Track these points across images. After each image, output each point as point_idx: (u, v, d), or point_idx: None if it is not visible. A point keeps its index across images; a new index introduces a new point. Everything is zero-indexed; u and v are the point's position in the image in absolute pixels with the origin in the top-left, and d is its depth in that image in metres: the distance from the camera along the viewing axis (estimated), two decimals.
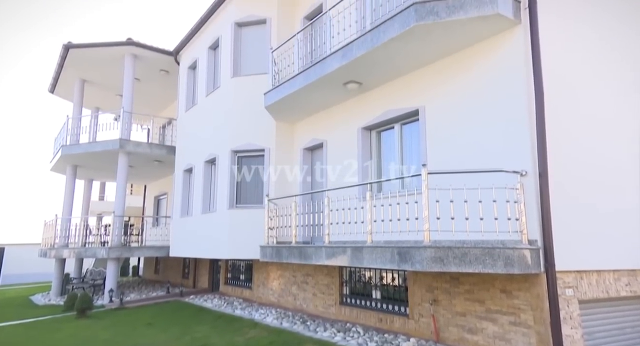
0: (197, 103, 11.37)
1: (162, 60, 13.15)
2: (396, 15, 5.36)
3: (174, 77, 13.87)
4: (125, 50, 12.62)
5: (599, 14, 6.07)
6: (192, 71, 12.21)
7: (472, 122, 5.45)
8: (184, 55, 12.57)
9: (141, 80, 14.26)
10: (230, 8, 9.94)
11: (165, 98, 16.11)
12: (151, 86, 14.93)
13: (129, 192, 24.51)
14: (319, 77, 6.73)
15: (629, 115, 6.21)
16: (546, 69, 4.95)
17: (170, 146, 13.22)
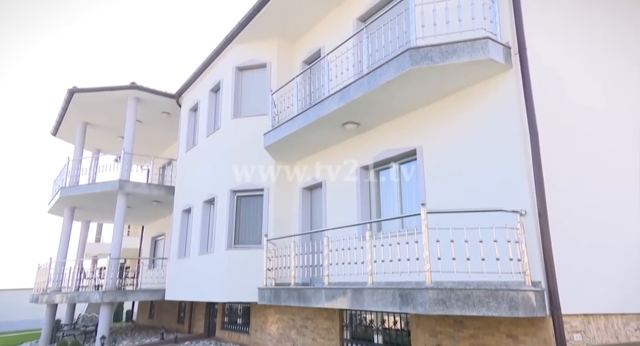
0: (198, 144, 11.50)
1: (164, 103, 13.45)
2: (392, 60, 5.55)
3: (175, 118, 14.13)
4: (129, 93, 12.95)
5: (590, 56, 6.30)
6: (193, 113, 12.46)
7: (470, 161, 5.49)
8: (185, 97, 12.88)
9: (143, 122, 14.52)
10: (231, 53, 10.31)
11: (166, 139, 16.33)
12: (152, 127, 15.18)
13: (126, 233, 24.23)
14: (317, 117, 6.85)
15: (626, 152, 6.28)
16: (539, 110, 5.06)
17: (170, 186, 13.23)
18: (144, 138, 15.87)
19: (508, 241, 4.52)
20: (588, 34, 6.44)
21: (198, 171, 11.13)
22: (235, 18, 43.49)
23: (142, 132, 15.12)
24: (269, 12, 8.92)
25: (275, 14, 8.94)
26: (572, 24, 6.25)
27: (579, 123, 5.74)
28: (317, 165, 8.40)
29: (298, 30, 9.44)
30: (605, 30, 6.80)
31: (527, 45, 5.21)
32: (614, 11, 7.15)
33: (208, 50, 17.78)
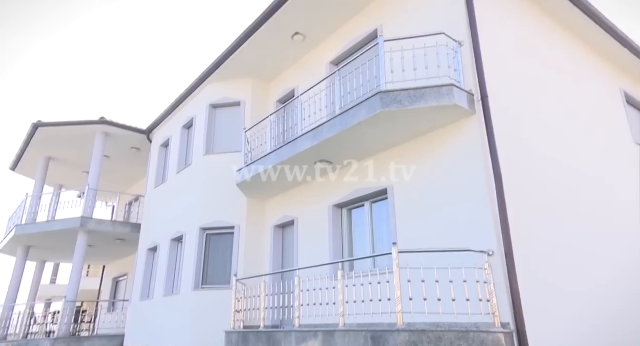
0: (167, 181, 11.28)
1: (134, 138, 13.24)
2: (363, 102, 5.77)
3: (145, 154, 13.88)
4: (97, 128, 12.69)
5: (548, 102, 6.75)
6: (164, 149, 12.30)
7: (439, 201, 5.63)
8: (157, 133, 12.75)
9: (111, 157, 14.17)
10: (205, 91, 10.41)
11: (134, 175, 15.94)
12: (120, 163, 14.82)
13: (86, 274, 22.91)
14: (291, 156, 6.92)
15: (587, 195, 6.63)
16: (502, 154, 5.31)
17: (136, 224, 12.77)
18: (111, 173, 15.43)
19: (477, 281, 4.58)
20: (547, 83, 6.93)
21: (167, 208, 10.84)
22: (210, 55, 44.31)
23: (109, 167, 14.72)
24: (244, 54, 9.16)
25: (250, 55, 9.19)
26: (532, 73, 6.73)
27: (540, 167, 6.05)
28: (290, 202, 8.38)
29: (273, 71, 9.70)
30: (564, 78, 7.36)
31: (488, 93, 5.55)
32: (573, 60, 7.78)
33: (181, 87, 17.88)
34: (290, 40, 8.59)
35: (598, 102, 8.14)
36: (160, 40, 59.28)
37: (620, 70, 9.20)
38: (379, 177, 6.56)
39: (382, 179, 6.50)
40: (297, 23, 8.15)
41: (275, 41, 8.69)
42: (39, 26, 53.27)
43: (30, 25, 50.05)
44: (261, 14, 8.15)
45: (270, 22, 8.16)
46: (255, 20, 8.32)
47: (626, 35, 8.34)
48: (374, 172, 6.67)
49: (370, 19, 7.48)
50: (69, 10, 45.29)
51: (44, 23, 50.52)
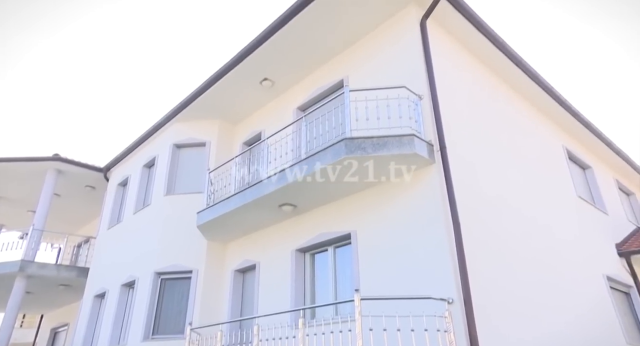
0: (122, 221, 10.77)
1: (90, 176, 12.70)
2: (329, 147, 5.92)
3: (100, 193, 13.28)
4: (50, 165, 12.09)
5: (503, 152, 7.19)
6: (121, 188, 11.85)
7: (401, 247, 5.70)
8: (115, 171, 12.32)
9: (62, 195, 13.44)
10: (170, 130, 10.31)
11: (86, 215, 15.10)
12: (72, 202, 14.05)
13: (19, 325, 20.76)
14: (255, 198, 6.87)
15: (542, 242, 6.95)
16: (460, 201, 5.53)
17: (83, 268, 11.91)
18: (61, 213, 14.54)
19: (437, 330, 4.58)
20: (499, 136, 7.43)
21: (119, 250, 10.26)
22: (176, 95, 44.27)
23: (59, 206, 13.89)
24: (212, 96, 9.27)
25: (218, 97, 9.31)
26: (485, 126, 7.21)
27: (495, 214, 6.34)
28: (252, 246, 8.19)
29: (240, 113, 9.82)
30: (514, 132, 7.92)
31: (446, 143, 5.86)
32: (521, 117, 8.42)
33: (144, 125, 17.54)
34: (259, 84, 8.82)
35: (545, 156, 8.78)
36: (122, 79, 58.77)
37: (562, 129, 10.05)
38: (343, 222, 6.60)
39: (346, 224, 6.54)
40: (266, 69, 8.42)
41: (244, 85, 8.88)
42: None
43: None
44: (231, 59, 8.37)
45: (240, 67, 8.38)
46: (225, 64, 8.52)
47: (565, 98, 9.22)
48: (338, 216, 6.71)
49: (337, 69, 7.86)
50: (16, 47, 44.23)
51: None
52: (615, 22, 37.65)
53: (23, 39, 38.31)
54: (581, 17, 38.56)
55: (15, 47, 41.34)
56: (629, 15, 35.39)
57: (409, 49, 6.63)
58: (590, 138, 10.47)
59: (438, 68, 6.47)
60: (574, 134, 10.32)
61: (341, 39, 7.62)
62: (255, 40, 7.82)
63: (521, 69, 8.20)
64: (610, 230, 9.78)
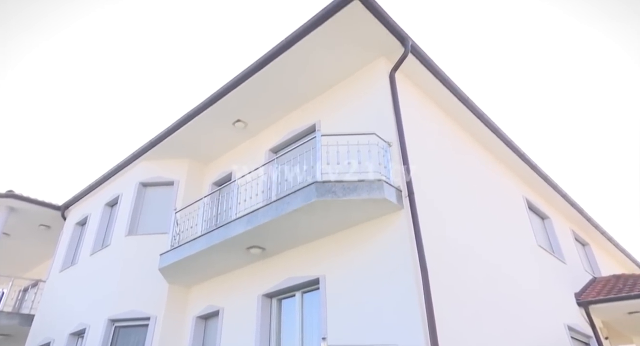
0: (77, 263, 10.14)
1: (45, 214, 12.04)
2: (299, 190, 5.94)
3: (55, 232, 12.56)
4: (2, 202, 11.39)
5: (469, 199, 7.43)
6: (79, 227, 11.27)
7: (370, 293, 5.61)
8: (74, 210, 11.76)
9: (11, 235, 12.60)
10: (137, 168, 10.08)
11: (37, 256, 14.16)
12: (23, 242, 13.17)
13: None
14: (222, 240, 6.69)
15: (504, 289, 7.04)
16: (428, 247, 5.59)
17: (28, 315, 10.94)
18: (8, 254, 13.58)
19: None
20: (464, 184, 7.72)
21: (71, 295, 9.57)
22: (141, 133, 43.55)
23: (7, 246, 12.98)
24: (182, 135, 9.23)
25: (189, 137, 9.28)
26: (452, 174, 7.49)
27: (462, 261, 6.43)
28: (216, 290, 7.85)
29: (211, 153, 9.78)
30: (478, 181, 8.25)
31: (414, 189, 6.01)
32: (484, 167, 8.82)
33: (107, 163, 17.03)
34: (232, 125, 8.89)
35: (507, 206, 9.14)
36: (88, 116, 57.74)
37: (523, 180, 10.58)
38: (312, 266, 6.49)
39: (315, 268, 6.43)
40: (239, 111, 8.54)
41: (217, 126, 8.93)
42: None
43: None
44: (205, 100, 8.46)
45: (213, 108, 8.46)
46: (198, 104, 8.59)
47: (524, 152, 9.80)
48: (307, 260, 6.61)
49: (310, 114, 8.09)
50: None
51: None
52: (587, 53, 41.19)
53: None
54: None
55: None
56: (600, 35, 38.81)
57: (379, 98, 6.95)
58: (548, 190, 11.04)
59: (406, 117, 6.78)
60: (533, 186, 10.87)
61: (314, 86, 7.91)
62: (230, 82, 8.00)
63: (483, 122, 8.72)
64: (569, 280, 10.08)
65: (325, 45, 7.02)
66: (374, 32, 6.76)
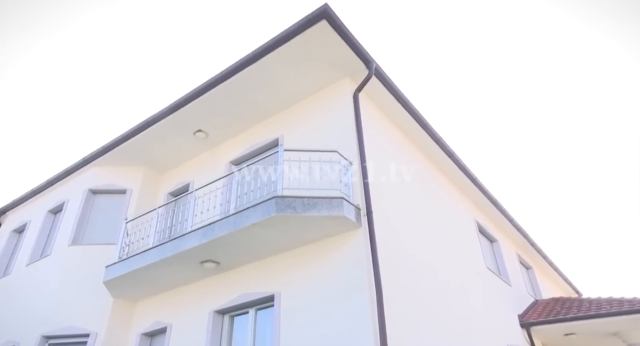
0: (11, 274, 9.37)
1: None
2: (259, 204, 5.87)
3: None
4: None
5: (426, 220, 7.63)
6: (16, 234, 10.47)
7: (325, 311, 5.57)
8: (11, 215, 10.94)
9: None
10: (87, 174, 9.57)
11: None
12: None
13: None
14: (176, 252, 6.44)
15: (455, 308, 7.23)
16: (383, 266, 5.65)
17: None
18: None
19: None
20: (421, 205, 7.94)
21: (1, 308, 8.78)
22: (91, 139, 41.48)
23: None
24: (139, 142, 8.90)
25: (146, 144, 8.96)
26: (410, 195, 7.69)
27: (416, 281, 6.56)
28: (165, 306, 7.49)
29: (169, 162, 9.48)
30: (434, 203, 8.52)
31: (373, 208, 6.10)
32: (440, 190, 9.13)
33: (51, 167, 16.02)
34: (192, 135, 8.69)
35: (459, 228, 9.49)
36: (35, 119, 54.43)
37: (474, 204, 11.05)
38: (267, 282, 6.38)
39: (270, 284, 6.32)
40: (201, 121, 8.37)
41: (176, 134, 8.69)
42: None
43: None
44: (165, 107, 8.23)
45: (174, 116, 8.23)
46: (158, 112, 8.34)
47: (477, 177, 10.28)
48: (263, 276, 6.49)
49: (273, 128, 8.07)
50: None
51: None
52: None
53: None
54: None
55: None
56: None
57: (342, 117, 7.07)
58: (497, 214, 11.59)
59: (368, 137, 6.93)
60: (484, 210, 11.37)
61: (279, 100, 7.93)
62: (192, 92, 7.85)
63: (440, 146, 9.08)
64: (513, 301, 10.53)
65: (291, 61, 7.10)
66: (340, 53, 6.93)
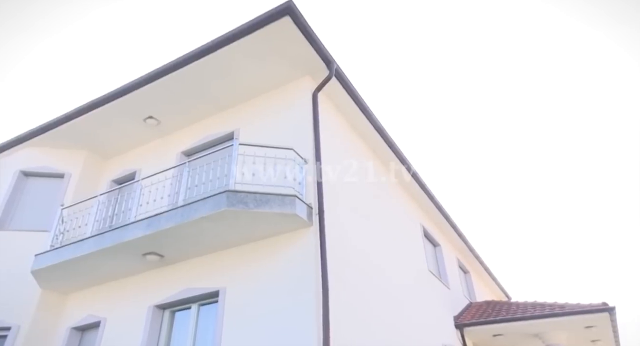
0: None
1: None
2: (209, 197, 5.72)
3: None
4: None
5: (375, 223, 7.79)
6: None
7: (270, 309, 5.52)
8: None
9: None
10: (19, 154, 8.84)
11: None
12: None
13: None
14: (115, 243, 6.11)
15: (397, 310, 7.46)
16: (332, 267, 5.71)
17: None
18: None
19: None
20: (371, 208, 8.10)
21: None
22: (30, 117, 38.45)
23: None
24: (82, 124, 8.35)
25: (90, 127, 8.43)
26: (361, 197, 7.83)
27: (362, 282, 6.69)
28: (100, 299, 7.09)
29: (114, 148, 8.98)
30: (383, 206, 8.73)
31: (325, 208, 6.16)
32: (390, 193, 9.37)
33: None
34: (142, 122, 8.29)
35: (406, 231, 9.81)
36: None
37: (421, 208, 11.47)
38: (213, 277, 6.22)
39: (216, 280, 6.18)
40: (152, 108, 8.00)
41: (125, 120, 8.26)
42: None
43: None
44: (114, 90, 7.78)
45: (124, 100, 7.81)
46: (106, 93, 7.86)
47: (425, 182, 10.67)
48: (208, 271, 6.33)
49: (229, 121, 7.89)
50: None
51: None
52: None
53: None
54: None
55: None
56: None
57: (300, 115, 7.06)
58: (441, 219, 12.11)
59: (324, 137, 6.98)
60: (429, 214, 11.83)
61: (236, 93, 7.76)
62: (145, 76, 7.48)
63: (393, 151, 9.32)
64: (450, 303, 11.07)
65: (251, 55, 6.97)
66: (302, 51, 6.90)
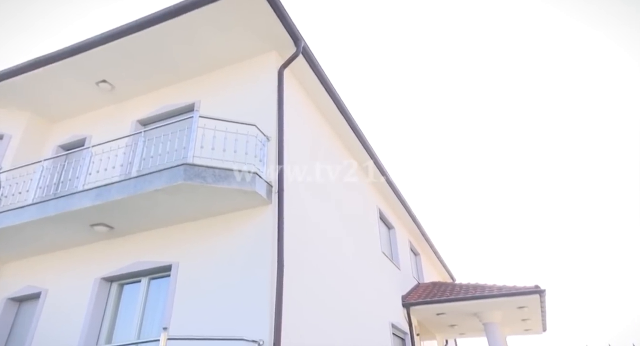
0: None
1: None
2: (165, 169, 5.51)
3: None
4: None
5: (335, 207, 7.86)
6: None
7: (223, 285, 5.49)
8: None
9: None
10: None
11: None
12: None
13: None
14: (60, 211, 5.78)
15: (349, 291, 7.65)
16: (288, 246, 5.73)
17: None
18: None
19: None
20: (330, 190, 8.15)
21: None
22: None
23: None
24: (25, 83, 7.71)
25: (35, 86, 7.81)
26: (321, 178, 7.85)
27: (316, 263, 6.78)
28: (40, 270, 6.75)
29: (62, 112, 8.39)
30: (342, 189, 8.81)
31: (285, 187, 6.12)
32: (351, 176, 9.45)
33: None
34: (95, 85, 7.78)
35: (363, 213, 10.00)
36: None
37: (379, 191, 11.71)
38: (166, 251, 6.08)
39: (169, 254, 6.04)
40: (106, 71, 7.51)
41: (75, 82, 7.71)
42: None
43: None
44: (63, 48, 7.18)
45: (74, 60, 7.26)
46: (54, 51, 7.25)
47: (383, 165, 10.87)
48: (161, 244, 6.16)
49: (189, 91, 7.57)
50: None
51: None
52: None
53: None
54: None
55: None
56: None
57: (264, 91, 6.89)
58: (397, 203, 12.44)
59: (288, 115, 6.88)
60: (386, 197, 12.11)
61: (198, 63, 7.43)
62: (99, 36, 6.95)
63: (355, 133, 9.38)
64: (400, 284, 11.53)
65: (217, 24, 6.66)
66: (270, 25, 6.68)
